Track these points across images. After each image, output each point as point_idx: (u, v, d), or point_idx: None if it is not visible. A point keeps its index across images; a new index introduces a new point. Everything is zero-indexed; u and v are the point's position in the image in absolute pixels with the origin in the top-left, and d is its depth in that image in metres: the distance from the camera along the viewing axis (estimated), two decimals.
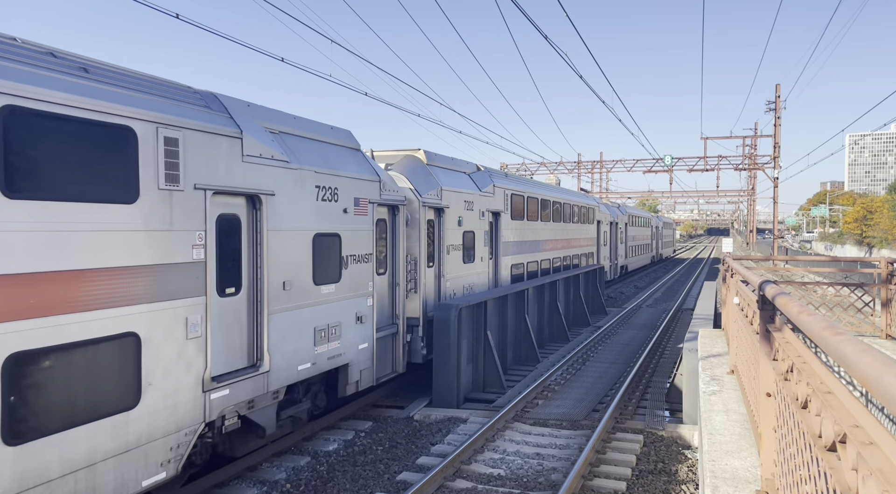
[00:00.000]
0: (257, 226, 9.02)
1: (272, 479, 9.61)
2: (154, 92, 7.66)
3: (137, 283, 7.03)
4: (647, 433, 11.70)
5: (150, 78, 7.90)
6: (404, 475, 9.78)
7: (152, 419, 7.20)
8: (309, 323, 10.01)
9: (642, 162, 52.44)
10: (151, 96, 7.53)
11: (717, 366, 8.76)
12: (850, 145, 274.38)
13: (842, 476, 2.03)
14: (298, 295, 9.76)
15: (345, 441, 11.32)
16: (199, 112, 8.21)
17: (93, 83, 6.87)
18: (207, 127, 8.14)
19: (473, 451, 10.49)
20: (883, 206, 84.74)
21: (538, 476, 9.59)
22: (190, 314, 7.75)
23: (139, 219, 7.11)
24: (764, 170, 45.18)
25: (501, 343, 16.25)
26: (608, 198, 62.00)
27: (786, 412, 3.24)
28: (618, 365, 17.13)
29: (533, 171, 54.69)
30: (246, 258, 8.91)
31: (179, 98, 8.05)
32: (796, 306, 3.02)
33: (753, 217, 65.35)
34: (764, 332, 4.41)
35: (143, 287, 7.10)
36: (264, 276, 9.04)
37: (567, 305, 22.73)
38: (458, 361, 13.40)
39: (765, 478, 4.21)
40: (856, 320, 10.72)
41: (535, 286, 18.79)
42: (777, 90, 39.63)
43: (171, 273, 7.47)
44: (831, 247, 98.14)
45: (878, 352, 1.67)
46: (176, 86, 8.28)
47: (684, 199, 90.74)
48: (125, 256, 6.90)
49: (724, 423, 6.17)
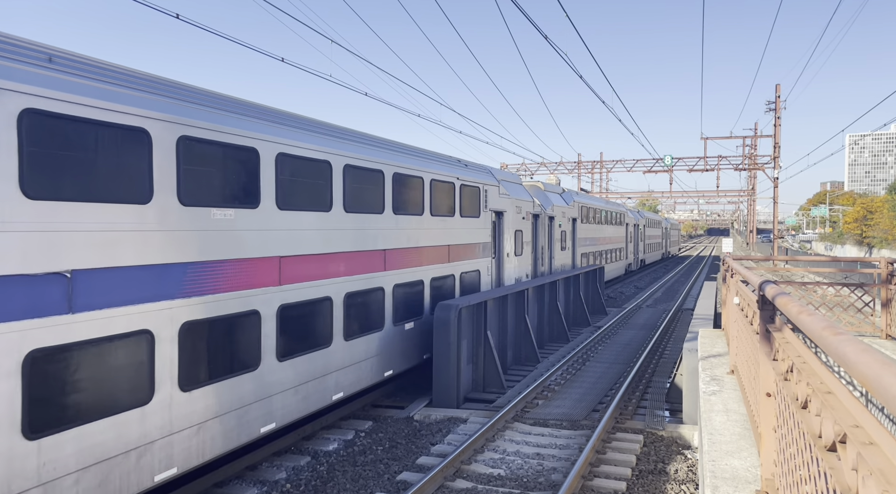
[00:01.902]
0: (501, 227, 18.37)
1: (272, 479, 9.61)
2: (478, 169, 17.38)
3: (481, 250, 17.09)
4: (647, 433, 11.70)
5: (475, 164, 17.66)
6: (404, 475, 9.78)
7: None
8: (511, 275, 19.42)
9: (642, 162, 52.42)
10: (480, 172, 17.42)
11: (717, 366, 8.76)
12: (850, 145, 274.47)
13: (842, 477, 2.03)
14: (510, 260, 19.19)
15: (345, 440, 11.32)
16: (489, 176, 17.85)
17: (471, 171, 16.48)
18: (492, 183, 17.90)
19: (473, 451, 10.49)
20: (883, 206, 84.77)
21: (538, 476, 9.60)
22: (489, 264, 17.53)
23: (482, 224, 16.96)
24: (764, 170, 45.17)
25: (501, 343, 16.25)
26: (608, 198, 62.03)
27: (786, 412, 3.24)
28: (618, 365, 17.12)
29: (533, 171, 54.65)
30: (496, 241, 18.25)
31: (484, 171, 17.88)
32: (796, 306, 3.02)
33: (753, 217, 65.30)
34: (764, 332, 4.41)
35: (482, 252, 17.01)
36: (503, 249, 18.46)
37: (567, 305, 22.74)
38: (458, 361, 13.40)
39: (765, 478, 4.21)
40: (856, 320, 10.71)
41: (535, 286, 18.83)
42: (777, 90, 39.62)
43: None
44: (831, 247, 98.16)
45: (878, 352, 1.67)
46: (481, 165, 18.10)
47: (684, 199, 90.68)
48: (481, 238, 16.96)
49: (724, 423, 6.17)
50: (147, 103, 7.40)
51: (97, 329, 6.64)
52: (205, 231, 8.14)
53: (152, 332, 7.32)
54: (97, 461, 6.64)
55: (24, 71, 6.22)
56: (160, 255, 7.49)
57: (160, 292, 7.46)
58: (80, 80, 6.70)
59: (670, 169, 50.42)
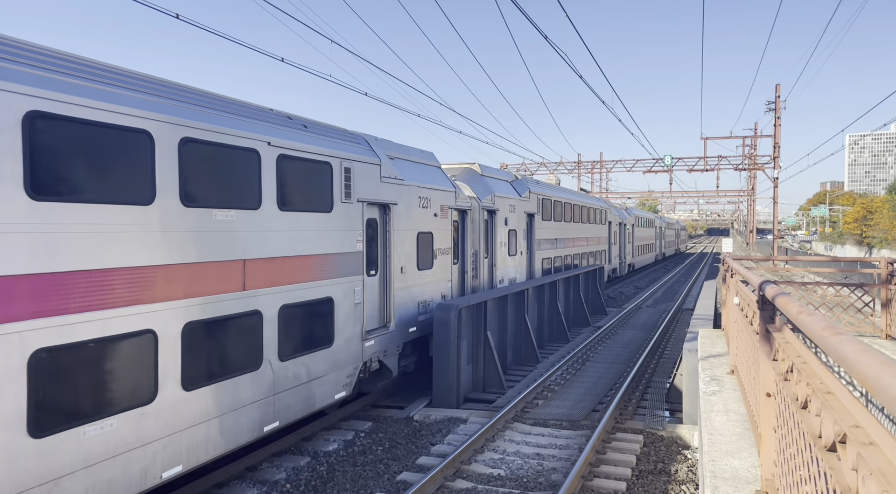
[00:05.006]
0: (386, 227, 12.43)
1: (272, 479, 9.61)
2: (336, 136, 11.21)
3: (335, 265, 10.71)
4: (646, 433, 11.69)
5: (331, 127, 11.47)
6: (404, 475, 9.78)
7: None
8: (415, 299, 13.57)
9: (642, 162, 52.43)
10: (336, 140, 11.11)
11: (717, 366, 8.75)
12: (849, 145, 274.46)
13: (842, 477, 2.03)
14: (409, 277, 13.25)
15: (345, 441, 11.31)
16: (360, 148, 11.79)
17: (312, 134, 10.48)
18: (366, 159, 11.69)
19: (473, 451, 10.49)
20: (883, 206, 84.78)
21: (538, 477, 9.59)
22: (355, 287, 11.28)
23: (337, 223, 10.77)
24: (764, 170, 45.18)
25: (501, 343, 16.24)
26: (608, 198, 62.04)
27: (786, 412, 3.24)
28: (618, 365, 17.12)
29: (533, 171, 54.66)
30: (380, 249, 12.33)
31: (349, 139, 11.65)
32: (796, 306, 3.02)
33: (753, 217, 65.29)
34: (764, 332, 4.41)
35: (337, 268, 10.71)
36: (390, 262, 12.45)
37: (567, 305, 22.73)
38: (458, 361, 13.40)
39: (765, 478, 4.20)
40: (856, 320, 10.71)
41: (534, 286, 18.81)
42: (777, 90, 39.62)
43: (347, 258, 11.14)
44: (831, 247, 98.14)
45: (878, 352, 1.67)
46: (344, 131, 11.84)
47: (684, 199, 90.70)
48: (333, 247, 10.64)
49: (724, 423, 6.16)
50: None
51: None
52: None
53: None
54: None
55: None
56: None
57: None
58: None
59: (670, 169, 50.44)
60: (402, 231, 12.95)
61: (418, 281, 13.68)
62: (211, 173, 8.31)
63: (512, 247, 20.23)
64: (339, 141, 11.22)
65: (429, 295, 14.19)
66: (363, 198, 11.53)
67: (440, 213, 14.67)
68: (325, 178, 10.54)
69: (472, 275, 17.08)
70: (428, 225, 14.06)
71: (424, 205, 13.92)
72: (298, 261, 9.83)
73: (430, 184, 14.24)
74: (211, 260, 8.21)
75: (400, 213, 12.87)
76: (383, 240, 12.38)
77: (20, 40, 6.64)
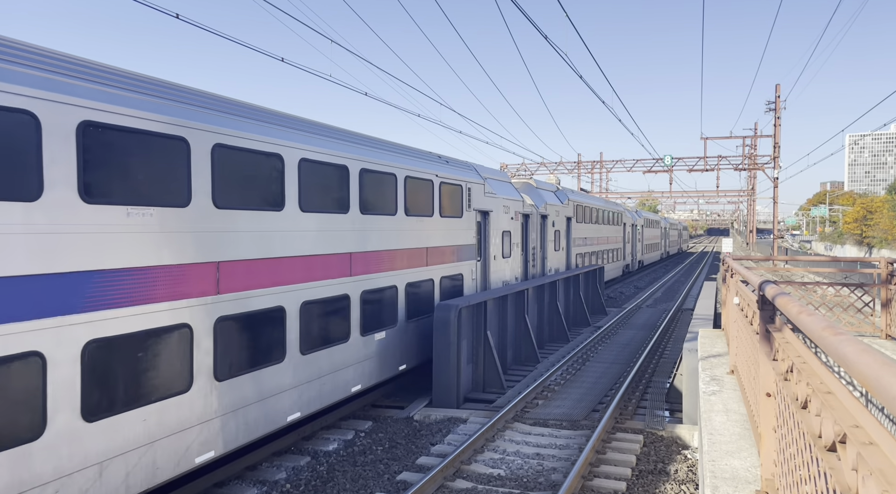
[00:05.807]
0: (486, 227, 17.49)
1: (272, 479, 9.61)
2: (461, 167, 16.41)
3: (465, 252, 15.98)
4: (646, 433, 11.69)
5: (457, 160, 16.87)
6: (404, 475, 9.78)
7: None
8: (499, 278, 18.53)
9: (642, 162, 52.41)
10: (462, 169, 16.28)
11: (717, 366, 8.76)
12: (849, 145, 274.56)
13: (842, 477, 2.03)
14: (497, 263, 18.27)
15: (345, 441, 11.32)
16: (473, 174, 16.78)
17: (453, 168, 15.94)
18: (476, 181, 16.77)
19: (473, 451, 10.49)
20: (883, 206, 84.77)
21: (538, 477, 9.59)
22: (473, 267, 16.54)
23: (465, 224, 16.00)
24: (764, 170, 45.17)
25: (501, 343, 16.25)
26: (608, 198, 62.06)
27: (786, 412, 3.24)
28: (618, 366, 17.12)
29: (533, 171, 54.65)
30: (483, 243, 17.34)
31: (467, 168, 16.80)
32: (796, 306, 3.02)
33: (753, 217, 65.27)
34: (764, 332, 4.41)
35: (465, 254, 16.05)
36: (488, 252, 17.60)
37: (567, 305, 22.73)
38: (458, 361, 13.40)
39: (765, 478, 4.21)
40: (856, 320, 10.71)
41: (534, 286, 18.84)
42: (777, 90, 39.62)
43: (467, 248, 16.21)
44: (831, 247, 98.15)
45: (878, 352, 1.67)
46: (465, 162, 17.24)
47: (684, 199, 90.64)
48: (464, 240, 15.87)
49: (724, 423, 6.16)
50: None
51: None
52: None
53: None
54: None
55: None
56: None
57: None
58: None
59: (670, 169, 50.42)
60: (494, 230, 17.95)
61: (502, 266, 18.72)
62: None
63: (557, 244, 25.70)
64: (464, 170, 16.50)
65: (508, 276, 19.32)
66: (475, 208, 16.67)
67: (514, 217, 19.80)
68: (459, 195, 15.80)
69: (531, 264, 22.09)
70: (508, 226, 19.14)
71: (506, 211, 18.95)
72: (448, 249, 15.27)
73: (509, 196, 19.33)
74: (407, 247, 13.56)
75: (493, 217, 17.90)
76: (484, 236, 17.50)
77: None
